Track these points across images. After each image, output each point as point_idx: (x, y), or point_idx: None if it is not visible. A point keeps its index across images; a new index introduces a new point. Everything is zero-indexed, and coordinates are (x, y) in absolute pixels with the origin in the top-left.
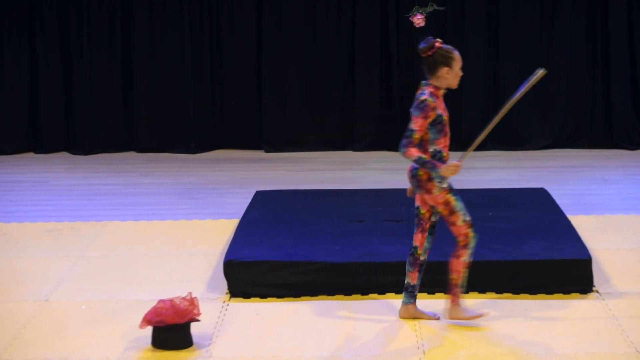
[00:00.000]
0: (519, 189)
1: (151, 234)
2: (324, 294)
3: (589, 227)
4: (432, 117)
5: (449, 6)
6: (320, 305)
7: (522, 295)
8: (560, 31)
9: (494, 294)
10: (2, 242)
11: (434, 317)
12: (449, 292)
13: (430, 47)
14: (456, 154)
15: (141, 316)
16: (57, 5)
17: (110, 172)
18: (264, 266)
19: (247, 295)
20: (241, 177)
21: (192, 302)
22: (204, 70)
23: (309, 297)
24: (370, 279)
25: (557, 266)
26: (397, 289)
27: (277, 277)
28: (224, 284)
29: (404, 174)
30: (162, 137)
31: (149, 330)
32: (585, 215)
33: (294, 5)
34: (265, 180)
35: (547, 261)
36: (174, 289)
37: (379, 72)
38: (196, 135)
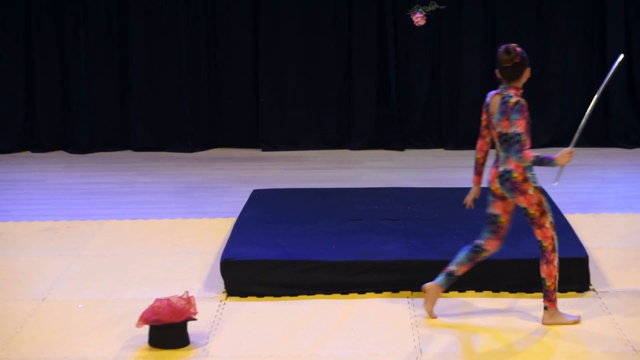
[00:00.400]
0: None
1: (148, 232)
2: (321, 292)
3: (586, 226)
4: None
5: (446, 4)
6: (317, 304)
7: (519, 293)
8: (557, 29)
9: (490, 293)
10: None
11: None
12: (546, 299)
13: (515, 54)
14: (454, 153)
15: (138, 315)
16: (54, 2)
17: (107, 171)
18: (260, 265)
19: (243, 294)
20: (238, 175)
21: (189, 301)
22: (201, 68)
23: (306, 296)
24: (367, 277)
25: None
26: (394, 288)
27: (274, 276)
28: (220, 283)
29: (401, 173)
30: (159, 135)
31: (146, 329)
32: (582, 213)
33: (290, 4)
34: (262, 179)
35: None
36: (170, 288)
37: (376, 71)
38: (193, 133)
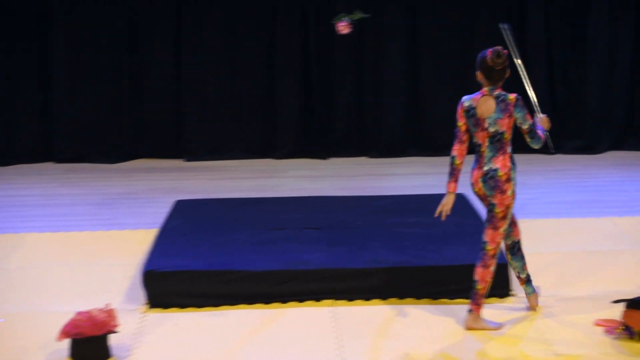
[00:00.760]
0: (438, 194)
1: (69, 245)
2: (243, 302)
3: None
4: None
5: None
6: (240, 314)
7: (441, 300)
8: (480, 31)
9: (413, 300)
10: None
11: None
12: (474, 302)
13: (505, 57)
14: (379, 161)
15: (59, 328)
16: None
17: (28, 183)
18: (183, 276)
19: (166, 305)
20: (161, 186)
21: (110, 313)
22: (123, 79)
23: (228, 307)
24: (290, 287)
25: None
26: (317, 297)
27: (197, 287)
28: (143, 294)
29: (324, 181)
30: (81, 147)
31: (67, 342)
32: None
33: (213, 14)
34: (185, 189)
35: (465, 266)
36: (92, 301)
37: (299, 80)
38: (116, 144)
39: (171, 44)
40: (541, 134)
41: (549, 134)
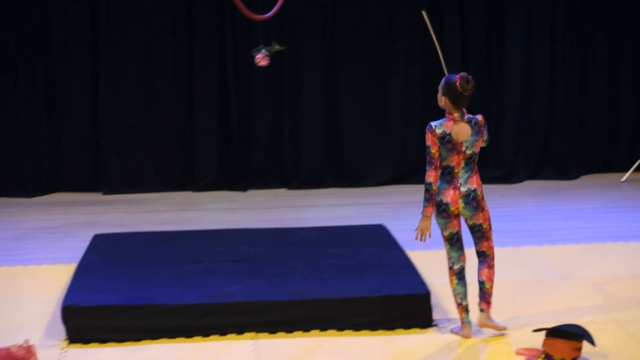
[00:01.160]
0: (358, 225)
1: None
2: (165, 337)
3: (428, 262)
4: None
5: (286, 43)
6: (161, 348)
7: (363, 331)
8: (397, 60)
9: (335, 331)
10: None
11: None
12: (484, 301)
13: (473, 83)
14: (298, 192)
15: None
16: None
17: None
18: (102, 311)
19: (86, 340)
20: (79, 220)
21: (29, 349)
22: (40, 112)
23: (150, 341)
24: (211, 320)
25: (397, 301)
26: (238, 330)
27: (117, 322)
28: (62, 330)
29: (244, 213)
30: None
31: None
32: (423, 250)
33: (130, 46)
34: (103, 223)
35: (387, 297)
36: (10, 337)
37: (218, 112)
38: (32, 178)
39: (89, 75)
40: None
41: None
